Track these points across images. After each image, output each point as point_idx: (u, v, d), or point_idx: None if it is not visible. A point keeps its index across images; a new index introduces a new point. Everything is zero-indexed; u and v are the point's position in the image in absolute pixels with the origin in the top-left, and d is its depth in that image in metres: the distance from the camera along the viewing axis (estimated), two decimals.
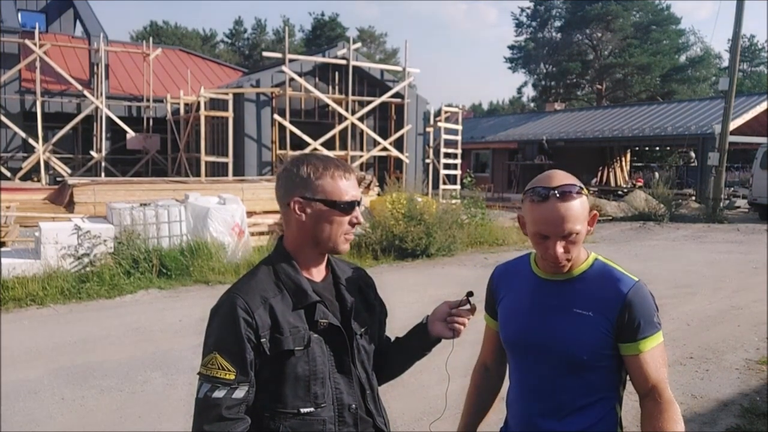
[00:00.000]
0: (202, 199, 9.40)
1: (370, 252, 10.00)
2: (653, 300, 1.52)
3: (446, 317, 1.62)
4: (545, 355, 1.54)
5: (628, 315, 1.47)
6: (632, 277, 1.53)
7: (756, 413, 4.14)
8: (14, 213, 10.26)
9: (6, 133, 18.26)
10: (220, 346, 1.38)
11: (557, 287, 1.55)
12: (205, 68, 24.30)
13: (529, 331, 1.58)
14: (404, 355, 1.71)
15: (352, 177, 1.51)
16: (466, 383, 1.92)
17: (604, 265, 1.56)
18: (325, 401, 1.46)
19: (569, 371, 1.52)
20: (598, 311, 1.49)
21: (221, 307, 1.44)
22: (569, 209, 1.46)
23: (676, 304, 7.13)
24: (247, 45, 55.81)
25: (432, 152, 19.98)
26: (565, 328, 1.51)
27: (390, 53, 53.41)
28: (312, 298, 1.47)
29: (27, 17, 21.24)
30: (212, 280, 8.08)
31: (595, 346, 1.49)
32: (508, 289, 1.69)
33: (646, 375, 1.49)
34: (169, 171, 19.19)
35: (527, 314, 1.60)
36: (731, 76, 17.49)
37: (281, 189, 1.52)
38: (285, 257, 1.51)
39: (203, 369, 1.39)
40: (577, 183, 1.51)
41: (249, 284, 1.46)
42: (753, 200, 18.16)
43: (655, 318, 1.49)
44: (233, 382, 1.37)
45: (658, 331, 1.49)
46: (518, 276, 1.67)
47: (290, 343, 1.42)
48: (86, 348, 5.43)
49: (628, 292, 1.48)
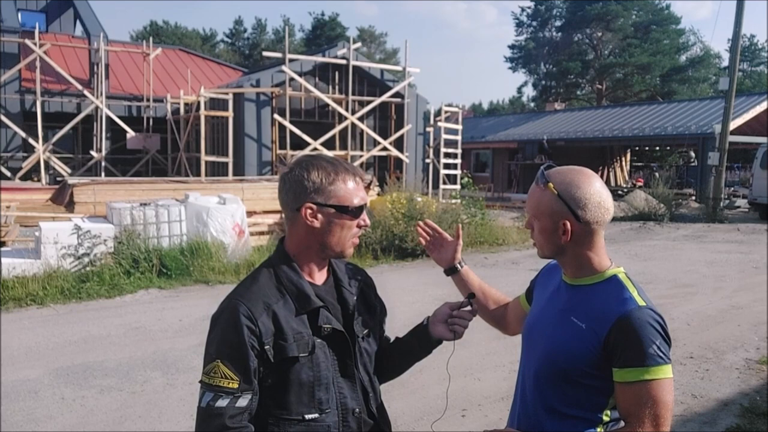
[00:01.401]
0: (202, 198, 9.40)
1: (370, 252, 10.00)
2: (659, 331, 1.37)
3: (447, 319, 1.61)
4: (537, 353, 1.54)
5: (615, 338, 1.36)
6: (640, 301, 1.41)
7: (756, 413, 4.14)
8: (14, 213, 10.26)
9: (6, 133, 18.25)
10: (223, 354, 1.36)
11: (568, 292, 1.53)
12: (205, 68, 24.29)
13: (533, 328, 1.59)
14: (404, 356, 1.70)
15: (359, 179, 1.50)
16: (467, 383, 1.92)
17: (620, 282, 1.46)
18: (329, 407, 1.45)
19: (551, 377, 1.48)
20: (590, 325, 1.42)
21: (223, 314, 1.41)
22: (530, 193, 1.52)
23: (676, 304, 7.13)
24: (247, 45, 55.81)
25: (432, 152, 19.98)
26: (556, 334, 1.48)
27: (390, 53, 53.42)
28: (315, 304, 1.45)
29: (27, 17, 21.22)
30: (212, 280, 8.08)
31: (579, 360, 1.41)
32: (542, 287, 1.69)
33: (623, 410, 1.38)
34: (169, 171, 19.18)
35: (539, 312, 1.61)
36: (731, 75, 17.48)
37: (289, 194, 1.47)
38: (287, 261, 1.49)
39: (205, 377, 1.37)
40: (557, 175, 1.47)
41: (251, 290, 1.43)
42: (753, 200, 18.17)
43: (651, 350, 1.34)
44: (236, 391, 1.35)
45: (651, 365, 1.34)
46: (553, 275, 1.64)
47: (294, 349, 1.40)
48: (86, 348, 5.43)
49: (622, 314, 1.37)
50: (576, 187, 1.45)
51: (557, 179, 1.47)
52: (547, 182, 1.47)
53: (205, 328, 1.44)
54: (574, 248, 1.48)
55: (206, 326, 1.43)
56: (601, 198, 1.45)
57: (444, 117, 19.70)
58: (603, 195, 1.46)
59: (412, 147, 18.85)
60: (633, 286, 1.46)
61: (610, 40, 40.45)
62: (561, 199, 1.45)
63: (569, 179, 1.46)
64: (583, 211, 1.44)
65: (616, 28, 39.14)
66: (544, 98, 43.56)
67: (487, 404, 4.23)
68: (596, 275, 1.49)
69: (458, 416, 4.02)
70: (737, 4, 17.04)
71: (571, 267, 1.52)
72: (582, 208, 1.44)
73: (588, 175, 1.48)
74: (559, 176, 1.47)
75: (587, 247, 1.48)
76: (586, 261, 1.49)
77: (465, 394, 4.33)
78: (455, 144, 20.25)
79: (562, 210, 1.45)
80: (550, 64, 43.21)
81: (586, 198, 1.44)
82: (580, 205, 1.44)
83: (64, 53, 20.31)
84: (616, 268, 1.51)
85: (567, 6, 40.76)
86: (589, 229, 1.46)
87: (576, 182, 1.45)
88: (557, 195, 1.45)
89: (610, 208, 1.47)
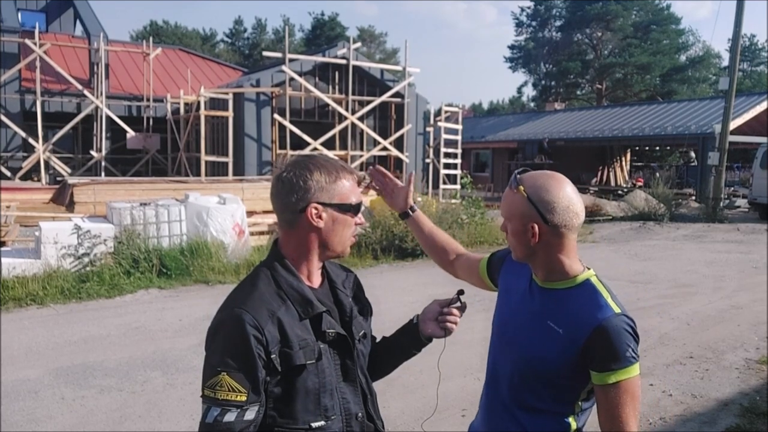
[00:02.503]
0: (202, 198, 9.40)
1: (370, 252, 10.00)
2: (632, 334, 1.44)
3: (437, 316, 1.61)
4: (513, 356, 1.58)
5: (594, 344, 1.42)
6: (615, 308, 1.47)
7: (756, 412, 4.15)
8: (14, 212, 10.27)
9: (6, 133, 18.26)
10: (229, 366, 1.30)
11: (541, 294, 1.56)
12: (205, 68, 24.30)
13: (506, 328, 1.62)
14: (394, 355, 1.69)
15: (356, 177, 1.50)
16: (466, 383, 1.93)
17: (593, 287, 1.51)
18: (334, 413, 1.43)
19: (527, 379, 1.53)
20: (568, 331, 1.46)
21: (224, 324, 1.35)
22: (503, 196, 1.57)
23: (676, 304, 7.13)
24: (247, 45, 55.82)
25: (432, 152, 19.99)
26: (532, 338, 1.52)
27: (390, 53, 53.42)
28: (318, 309, 1.42)
29: (27, 17, 21.23)
30: (212, 280, 8.08)
31: (556, 364, 1.47)
32: (510, 277, 1.70)
33: (602, 411, 1.46)
34: (169, 171, 19.19)
35: (510, 311, 1.64)
36: (731, 75, 17.48)
37: (291, 195, 1.42)
38: (284, 265, 1.45)
39: (209, 391, 1.31)
40: (528, 179, 1.51)
41: (252, 297, 1.37)
42: (753, 200, 18.17)
43: (627, 353, 1.42)
44: (244, 404, 1.30)
45: (626, 366, 1.42)
46: (521, 270, 1.66)
47: (301, 357, 1.36)
48: (86, 348, 5.43)
49: (601, 322, 1.43)
50: (545, 191, 1.48)
51: (528, 183, 1.50)
52: (518, 185, 1.50)
53: (205, 328, 1.42)
54: (545, 251, 1.51)
55: (206, 326, 1.40)
56: (570, 202, 1.48)
57: (444, 117, 19.72)
58: (573, 199, 1.49)
59: (412, 147, 18.86)
60: (606, 292, 1.51)
61: (610, 40, 40.45)
62: (530, 202, 1.48)
63: (540, 183, 1.49)
64: (552, 215, 1.47)
65: (616, 28, 39.14)
66: (544, 98, 43.57)
67: None
68: (568, 280, 1.53)
69: (458, 416, 4.01)
70: (737, 4, 17.04)
71: (542, 270, 1.55)
72: (550, 211, 1.47)
73: (559, 179, 1.51)
74: (531, 180, 1.51)
75: (557, 250, 1.51)
76: (557, 264, 1.52)
77: (465, 394, 4.32)
78: (455, 144, 20.25)
79: (531, 212, 1.48)
80: (550, 64, 43.22)
81: (554, 201, 1.47)
82: (548, 208, 1.47)
83: (64, 53, 20.31)
84: (587, 271, 1.55)
85: (567, 6, 40.77)
86: (557, 232, 1.49)
87: (546, 186, 1.48)
88: (527, 198, 1.48)
89: (579, 213, 1.50)
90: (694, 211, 18.20)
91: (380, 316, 1.89)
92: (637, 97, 39.72)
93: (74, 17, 22.15)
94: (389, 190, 2.07)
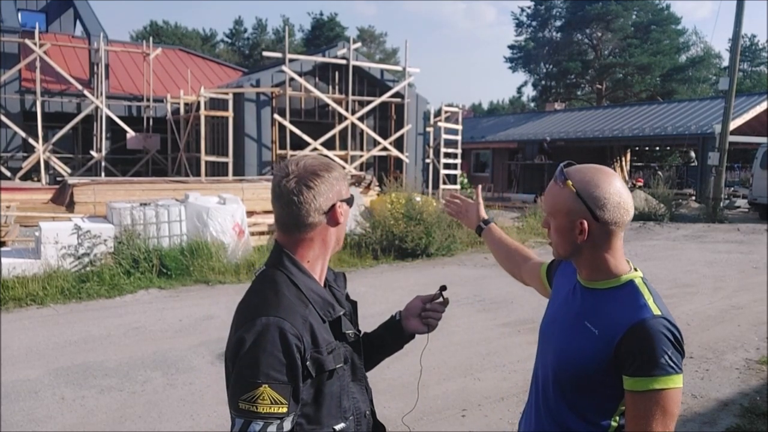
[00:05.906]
0: (202, 198, 9.40)
1: (370, 252, 9.99)
2: (671, 341, 1.33)
3: (420, 312, 1.62)
4: (550, 355, 1.52)
5: (627, 345, 1.33)
6: (655, 309, 1.36)
7: (756, 413, 4.15)
8: (14, 212, 10.26)
9: (6, 133, 18.25)
10: (270, 378, 1.25)
11: (583, 295, 1.50)
12: (205, 68, 24.30)
13: (549, 327, 1.58)
14: (377, 352, 1.68)
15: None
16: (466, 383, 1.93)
17: (636, 288, 1.43)
18: (350, 413, 1.43)
19: (564, 379, 1.46)
20: (603, 331, 1.38)
21: (262, 333, 1.27)
22: (547, 191, 1.49)
23: (676, 304, 7.12)
24: (247, 45, 55.82)
25: (432, 152, 19.98)
26: (569, 338, 1.46)
27: (390, 53, 53.43)
28: (339, 311, 1.41)
29: (27, 17, 21.23)
30: (212, 280, 8.08)
31: (590, 365, 1.39)
32: (561, 280, 1.66)
33: (629, 421, 1.36)
34: (169, 171, 19.18)
35: (554, 312, 1.59)
36: (731, 75, 17.49)
37: (318, 198, 1.38)
38: (300, 267, 1.41)
39: (247, 405, 1.24)
40: (576, 173, 1.43)
41: (283, 304, 1.32)
42: (753, 200, 18.18)
43: (663, 360, 1.30)
44: (285, 415, 1.26)
45: (660, 374, 1.30)
46: (571, 271, 1.60)
47: (331, 361, 1.35)
48: (86, 348, 5.43)
49: (635, 322, 1.34)
50: (595, 186, 1.40)
51: (576, 177, 1.43)
52: (565, 180, 1.43)
53: (205, 328, 1.43)
54: (591, 249, 1.44)
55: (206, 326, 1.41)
56: (621, 198, 1.41)
57: (444, 117, 19.71)
58: (623, 195, 1.42)
59: (412, 147, 18.86)
60: (649, 293, 1.41)
61: (610, 40, 40.43)
62: (579, 198, 1.41)
63: (589, 177, 1.42)
64: (602, 211, 1.40)
65: (616, 28, 39.12)
66: (544, 98, 43.54)
67: (487, 404, 4.22)
68: (612, 279, 1.45)
69: (458, 416, 4.01)
70: (737, 4, 17.04)
71: (586, 269, 1.48)
72: (601, 207, 1.40)
73: (608, 174, 1.44)
74: (579, 174, 1.43)
75: (604, 248, 1.44)
76: (603, 263, 1.45)
77: (465, 394, 4.33)
78: (455, 144, 20.26)
79: (580, 209, 1.41)
80: (550, 64, 43.18)
81: (605, 197, 1.40)
82: (599, 204, 1.40)
83: (64, 53, 20.31)
84: (634, 272, 1.47)
85: (567, 6, 40.74)
86: (606, 230, 1.42)
87: (596, 181, 1.41)
88: (576, 193, 1.41)
89: (629, 209, 1.43)
90: (695, 212, 18.21)
91: (380, 316, 1.89)
92: (637, 97, 39.70)
93: (74, 17, 22.14)
94: (463, 212, 2.08)
